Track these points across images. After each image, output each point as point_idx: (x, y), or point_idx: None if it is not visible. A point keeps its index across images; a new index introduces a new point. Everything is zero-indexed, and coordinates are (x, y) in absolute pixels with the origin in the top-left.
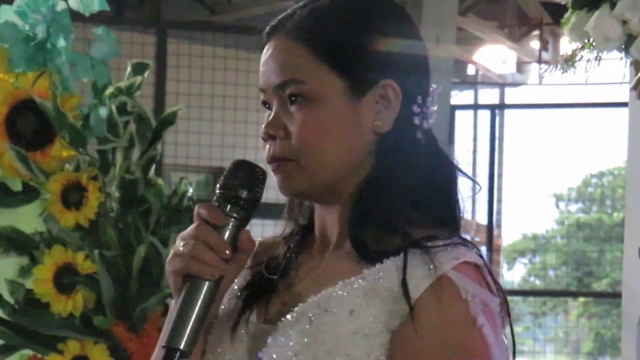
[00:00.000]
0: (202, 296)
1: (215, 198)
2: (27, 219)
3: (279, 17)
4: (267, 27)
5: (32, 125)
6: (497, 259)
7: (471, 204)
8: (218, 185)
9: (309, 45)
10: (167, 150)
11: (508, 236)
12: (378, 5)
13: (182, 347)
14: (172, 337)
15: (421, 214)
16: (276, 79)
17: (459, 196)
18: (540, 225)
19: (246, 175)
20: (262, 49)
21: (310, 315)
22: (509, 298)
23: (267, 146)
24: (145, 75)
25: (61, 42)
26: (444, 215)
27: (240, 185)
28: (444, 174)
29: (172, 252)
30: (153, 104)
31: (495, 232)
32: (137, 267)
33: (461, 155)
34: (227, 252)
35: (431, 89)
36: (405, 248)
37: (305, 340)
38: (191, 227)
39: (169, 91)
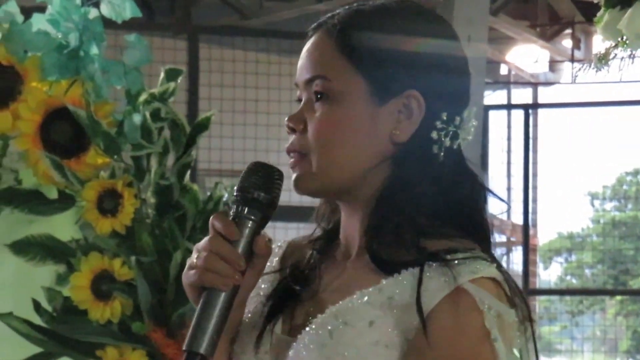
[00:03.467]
0: (219, 305)
1: (232, 201)
2: (63, 227)
3: (327, 15)
4: (315, 24)
5: (67, 133)
6: (533, 258)
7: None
8: (235, 188)
9: (340, 44)
10: (201, 155)
11: (544, 235)
12: (424, 18)
13: (202, 351)
14: (192, 341)
15: (437, 229)
16: (306, 74)
17: (485, 214)
18: (575, 224)
19: (262, 177)
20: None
21: (330, 327)
22: (546, 297)
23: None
24: (178, 80)
25: (94, 50)
26: (468, 229)
27: (256, 187)
28: (466, 191)
29: (187, 264)
30: (186, 110)
31: (531, 232)
32: (173, 272)
33: (495, 156)
34: (241, 263)
35: (466, 111)
36: (423, 260)
37: (326, 353)
38: (205, 239)
39: (202, 96)
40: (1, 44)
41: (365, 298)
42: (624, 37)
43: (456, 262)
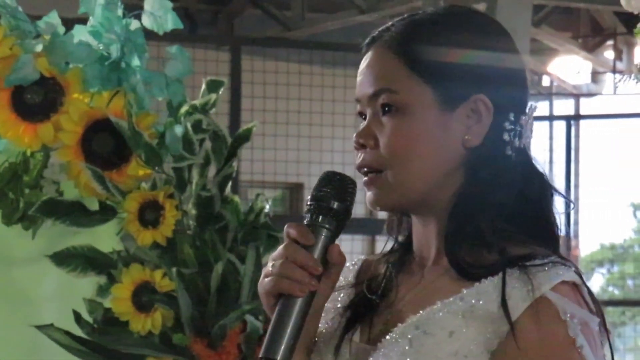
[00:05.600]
0: (296, 311)
1: (306, 210)
2: (104, 238)
3: (379, 29)
4: (368, 38)
5: (108, 145)
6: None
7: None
8: (309, 197)
9: (403, 56)
10: (243, 167)
11: (586, 246)
12: (474, 21)
13: (278, 358)
14: (269, 348)
15: (515, 230)
16: (370, 88)
17: (554, 213)
18: (617, 234)
19: (337, 186)
20: (360, 61)
21: (410, 336)
22: None
23: (359, 154)
24: (220, 92)
25: (135, 61)
26: (540, 231)
27: (331, 196)
28: (536, 190)
29: (262, 273)
30: (228, 121)
31: (572, 243)
32: (215, 284)
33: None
34: (317, 268)
35: (528, 107)
36: (504, 267)
37: None
38: (280, 247)
39: (244, 107)
40: (43, 55)
41: (446, 308)
42: None
43: (537, 269)
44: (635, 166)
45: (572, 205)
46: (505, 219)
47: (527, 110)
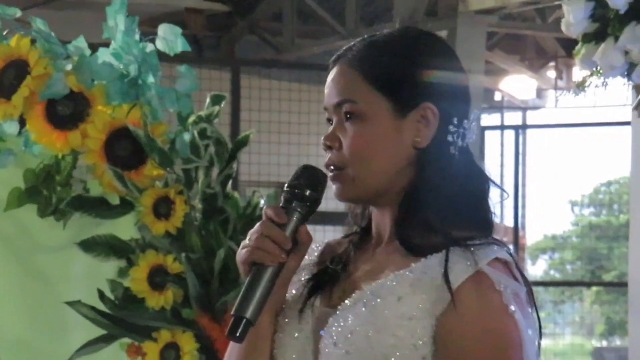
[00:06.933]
0: (266, 278)
1: (283, 195)
2: (124, 228)
3: (343, 48)
4: (334, 56)
5: (127, 149)
6: (523, 256)
7: (500, 209)
8: (286, 185)
9: (362, 72)
10: (242, 169)
11: (531, 236)
12: (424, 41)
13: (248, 315)
14: (240, 307)
15: (457, 217)
16: (335, 98)
17: (490, 203)
18: (558, 226)
19: (310, 177)
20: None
21: (365, 300)
22: (533, 289)
23: (327, 155)
24: (222, 105)
25: (150, 79)
26: (477, 219)
27: (305, 186)
28: (476, 183)
29: (241, 245)
30: (229, 130)
31: (520, 233)
32: (218, 267)
33: (491, 169)
34: (287, 243)
35: (471, 113)
36: (447, 245)
37: (360, 321)
38: (257, 224)
39: (243, 119)
40: (72, 74)
41: (397, 279)
42: (598, 67)
43: (475, 247)
44: (573, 169)
45: (506, 196)
46: (450, 208)
47: (470, 116)
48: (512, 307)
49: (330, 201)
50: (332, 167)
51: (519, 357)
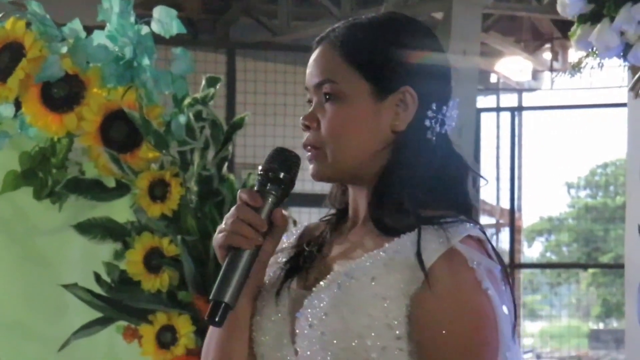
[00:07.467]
0: (243, 262)
1: (257, 178)
2: (120, 211)
3: (327, 30)
4: (317, 37)
5: (123, 132)
6: (519, 238)
7: (496, 192)
8: (260, 168)
9: (344, 53)
10: (237, 151)
11: (528, 218)
12: (407, 25)
13: (226, 300)
14: (218, 292)
15: (431, 199)
16: (315, 79)
17: (468, 187)
18: (554, 208)
19: (284, 160)
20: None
21: (339, 282)
22: (530, 271)
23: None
24: (217, 87)
25: (146, 61)
26: (453, 202)
27: (279, 168)
28: (453, 169)
29: (217, 230)
30: (225, 113)
31: (516, 215)
32: (213, 250)
33: (487, 151)
34: (263, 225)
35: (451, 100)
36: (419, 224)
37: (334, 302)
38: (233, 208)
39: (238, 101)
40: (67, 56)
41: (371, 259)
42: (594, 48)
43: (447, 225)
44: (569, 150)
45: (485, 183)
46: (425, 191)
47: (449, 103)
48: (485, 284)
49: (307, 183)
50: (309, 147)
51: (494, 332)
